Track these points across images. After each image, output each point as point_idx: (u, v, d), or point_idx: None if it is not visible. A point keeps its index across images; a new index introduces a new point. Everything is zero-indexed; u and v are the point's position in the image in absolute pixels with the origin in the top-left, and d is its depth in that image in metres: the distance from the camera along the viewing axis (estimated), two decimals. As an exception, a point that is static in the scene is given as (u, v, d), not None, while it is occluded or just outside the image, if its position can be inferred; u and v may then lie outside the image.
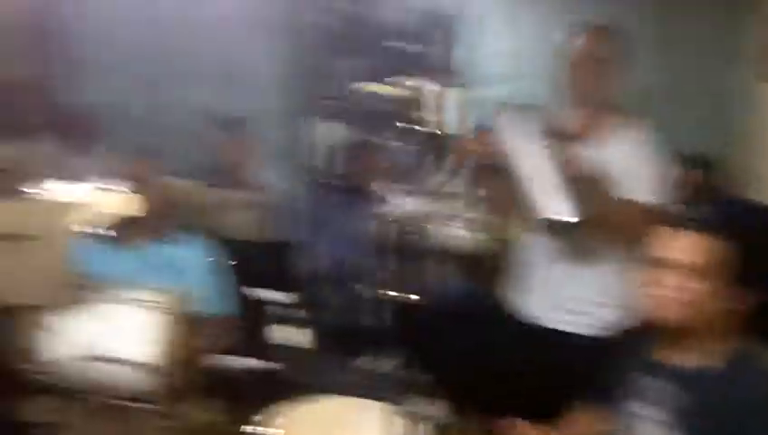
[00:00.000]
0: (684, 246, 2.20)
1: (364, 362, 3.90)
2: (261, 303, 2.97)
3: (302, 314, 2.89)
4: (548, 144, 2.79)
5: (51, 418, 2.92)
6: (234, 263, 3.66)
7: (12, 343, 3.28)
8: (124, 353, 2.87)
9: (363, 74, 6.93)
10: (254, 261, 3.73)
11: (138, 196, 3.23)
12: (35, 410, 2.98)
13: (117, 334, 2.90)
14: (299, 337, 2.78)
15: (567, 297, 3.11)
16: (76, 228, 2.47)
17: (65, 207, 2.42)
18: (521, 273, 3.33)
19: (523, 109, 2.87)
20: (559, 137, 2.84)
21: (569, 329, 3.11)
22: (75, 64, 5.58)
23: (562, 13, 4.97)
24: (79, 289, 3.01)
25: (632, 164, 2.90)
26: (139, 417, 2.93)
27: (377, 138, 5.82)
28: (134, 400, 2.92)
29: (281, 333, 2.79)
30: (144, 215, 3.40)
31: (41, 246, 2.22)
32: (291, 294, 2.86)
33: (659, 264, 2.23)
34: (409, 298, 3.98)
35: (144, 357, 2.85)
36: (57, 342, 2.89)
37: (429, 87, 6.39)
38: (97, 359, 2.87)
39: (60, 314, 2.91)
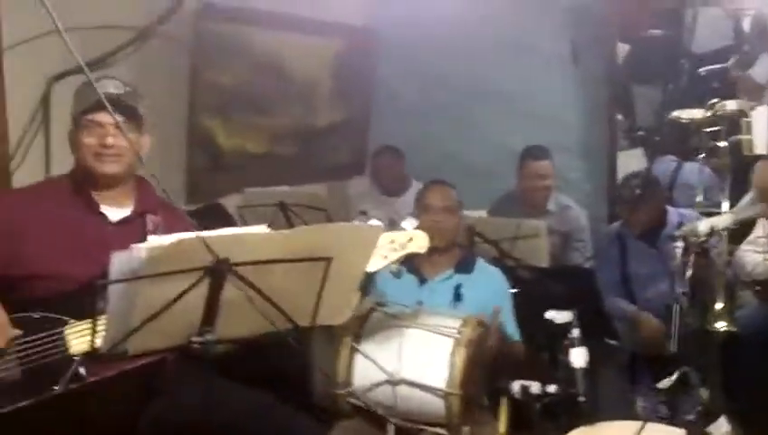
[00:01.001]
0: None
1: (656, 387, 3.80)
2: (552, 327, 2.97)
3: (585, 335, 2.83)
4: None
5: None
6: (521, 290, 3.69)
7: (315, 366, 3.53)
8: (424, 378, 2.98)
9: (671, 100, 6.79)
10: (549, 286, 3.73)
11: (432, 230, 3.34)
12: (343, 433, 3.13)
13: (417, 359, 3.02)
14: (583, 360, 2.74)
15: None
16: (372, 253, 2.59)
17: (361, 232, 2.54)
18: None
19: None
20: None
21: None
22: (384, 106, 5.85)
23: None
24: (383, 317, 3.19)
25: None
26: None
27: (683, 162, 5.65)
28: (430, 424, 3.03)
29: (571, 357, 2.77)
30: (440, 246, 3.50)
31: (336, 268, 2.35)
32: (576, 314, 2.82)
33: None
34: (713, 327, 3.82)
35: (441, 382, 2.95)
36: (363, 366, 3.07)
37: (739, 107, 6.11)
38: (400, 383, 3.00)
39: (364, 339, 3.10)
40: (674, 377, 2.27)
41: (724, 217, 3.24)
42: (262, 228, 2.33)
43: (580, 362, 2.74)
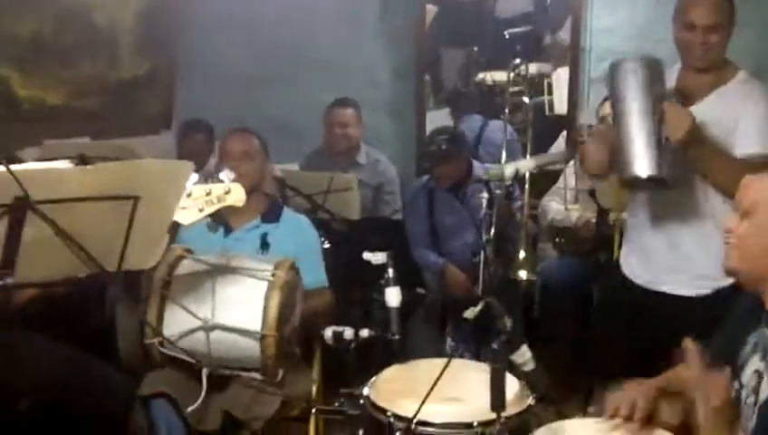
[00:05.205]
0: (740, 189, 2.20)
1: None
2: (365, 270, 3.00)
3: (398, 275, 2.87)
4: (657, 98, 2.77)
5: (168, 389, 3.00)
6: (335, 242, 3.71)
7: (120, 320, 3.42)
8: (238, 322, 2.93)
9: (478, 62, 7.00)
10: (361, 238, 3.76)
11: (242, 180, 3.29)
12: (155, 382, 3.05)
13: (231, 304, 2.97)
14: (396, 299, 2.79)
15: (673, 258, 3.07)
16: (182, 192, 2.50)
17: (171, 168, 2.44)
18: (627, 238, 3.30)
19: (641, 63, 2.84)
20: (668, 95, 2.82)
21: (677, 291, 3.07)
22: (192, 58, 5.70)
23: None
24: (194, 264, 3.10)
25: (744, 118, 2.88)
26: (248, 386, 3.00)
27: (488, 121, 5.84)
28: (244, 369, 3.00)
29: (386, 296, 2.81)
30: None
31: (143, 207, 2.26)
32: (390, 255, 2.86)
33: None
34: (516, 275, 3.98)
35: (256, 325, 2.91)
36: (174, 314, 2.97)
37: (541, 70, 6.39)
38: (214, 329, 2.94)
39: (175, 287, 3.01)
40: (478, 307, 2.33)
41: (528, 162, 3.37)
42: (65, 163, 2.22)
43: (394, 301, 2.77)
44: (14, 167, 2.06)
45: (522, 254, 4.06)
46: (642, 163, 2.75)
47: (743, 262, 2.19)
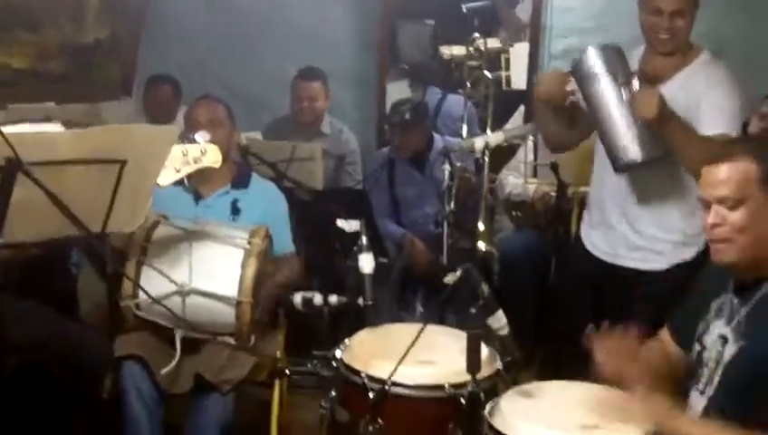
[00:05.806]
0: (715, 180, 2.20)
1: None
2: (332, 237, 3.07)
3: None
4: (624, 84, 2.86)
5: (140, 352, 3.05)
6: (301, 211, 3.77)
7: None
8: (215, 288, 2.99)
9: (436, 36, 7.07)
10: (327, 208, 3.82)
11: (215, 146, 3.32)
12: (127, 345, 3.09)
13: (208, 270, 3.02)
14: (370, 265, 2.87)
15: (633, 235, 3.18)
16: (167, 157, 2.53)
17: (156, 133, 2.48)
18: (589, 212, 3.39)
19: (605, 49, 2.93)
20: (635, 77, 2.91)
21: (636, 265, 3.18)
22: (156, 26, 5.69)
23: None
24: (170, 229, 3.13)
25: (707, 99, 2.97)
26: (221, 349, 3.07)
27: (447, 94, 5.92)
28: (218, 333, 3.06)
29: (360, 262, 2.89)
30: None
31: (129, 171, 2.30)
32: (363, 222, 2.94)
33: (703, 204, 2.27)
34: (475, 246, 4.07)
35: (233, 292, 2.98)
36: (150, 278, 3.00)
37: (498, 45, 6.47)
38: (190, 293, 2.99)
39: (151, 252, 3.04)
40: (458, 272, 2.43)
41: (497, 135, 3.43)
42: (57, 127, 2.26)
43: (368, 267, 2.85)
44: (7, 129, 2.09)
45: (481, 226, 4.17)
46: (635, 149, 2.85)
47: (744, 252, 2.17)
